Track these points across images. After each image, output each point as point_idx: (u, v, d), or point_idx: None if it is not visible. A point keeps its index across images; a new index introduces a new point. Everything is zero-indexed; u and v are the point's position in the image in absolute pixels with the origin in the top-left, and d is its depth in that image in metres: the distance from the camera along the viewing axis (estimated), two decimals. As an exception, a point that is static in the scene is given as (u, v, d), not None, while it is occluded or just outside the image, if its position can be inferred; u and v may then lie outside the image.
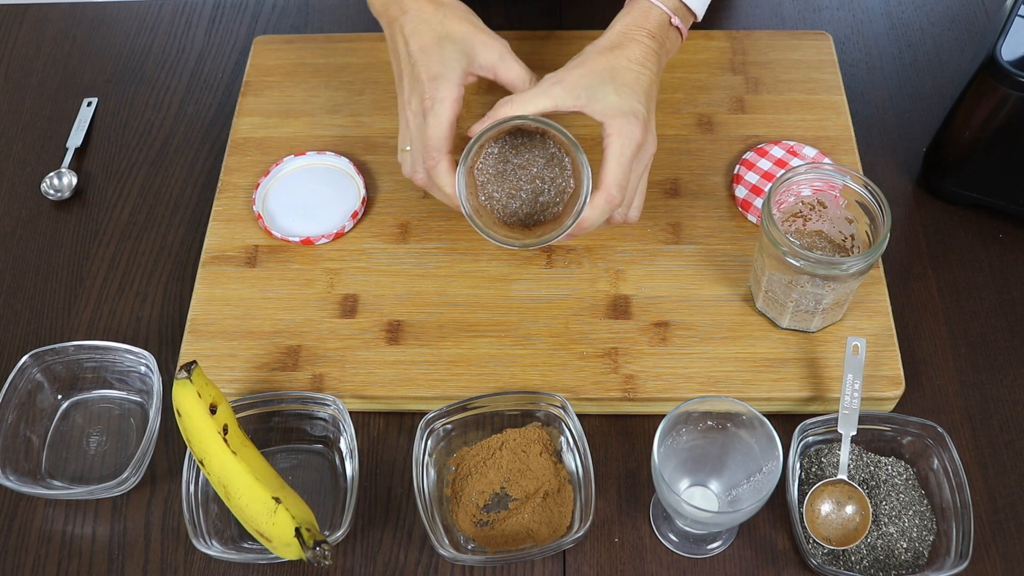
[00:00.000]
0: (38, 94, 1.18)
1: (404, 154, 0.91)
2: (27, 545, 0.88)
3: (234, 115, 1.11)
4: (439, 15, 0.89)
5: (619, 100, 0.87)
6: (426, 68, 0.87)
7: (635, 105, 0.87)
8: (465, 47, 0.88)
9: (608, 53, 0.89)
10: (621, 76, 0.88)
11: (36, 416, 0.92)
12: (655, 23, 0.91)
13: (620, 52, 0.89)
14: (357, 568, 0.86)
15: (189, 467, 0.86)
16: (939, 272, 1.01)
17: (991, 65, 0.93)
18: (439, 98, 0.86)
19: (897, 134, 1.12)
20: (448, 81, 0.87)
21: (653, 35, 0.90)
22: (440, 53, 0.87)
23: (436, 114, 0.86)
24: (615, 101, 0.87)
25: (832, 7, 1.23)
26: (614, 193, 0.86)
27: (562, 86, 0.87)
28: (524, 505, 0.86)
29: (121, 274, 1.03)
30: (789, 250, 0.85)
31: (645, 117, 0.88)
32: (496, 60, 0.90)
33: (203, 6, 1.26)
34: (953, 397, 0.94)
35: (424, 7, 0.89)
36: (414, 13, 0.89)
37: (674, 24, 0.92)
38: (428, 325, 0.95)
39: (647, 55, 0.90)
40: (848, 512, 0.85)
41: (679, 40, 0.94)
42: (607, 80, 0.87)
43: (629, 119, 0.86)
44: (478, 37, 0.89)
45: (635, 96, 0.88)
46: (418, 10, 0.89)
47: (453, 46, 0.88)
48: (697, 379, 0.91)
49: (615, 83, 0.87)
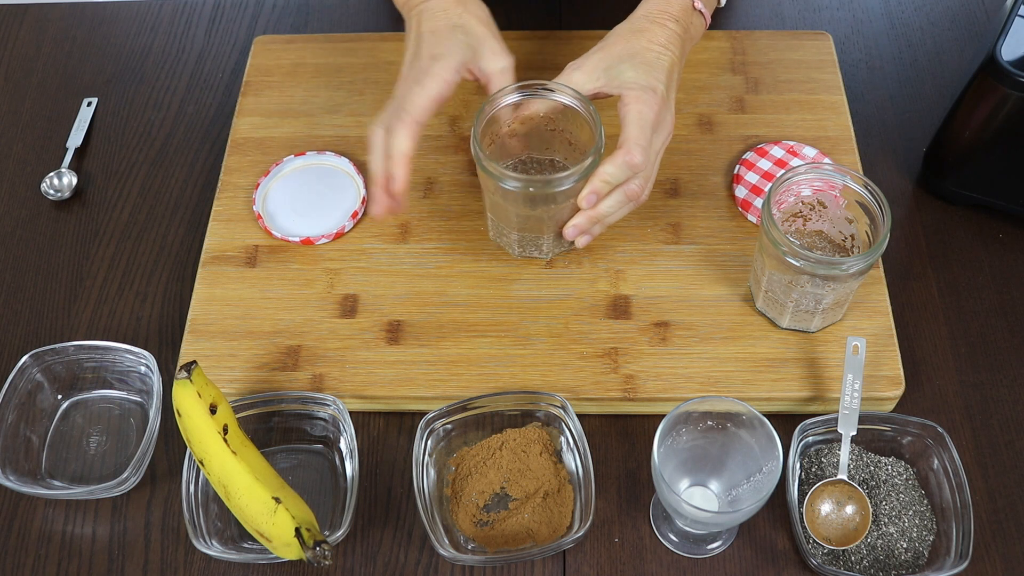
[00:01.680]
0: (38, 94, 1.18)
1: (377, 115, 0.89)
2: (27, 545, 0.88)
3: (234, 115, 1.11)
4: (459, 8, 0.89)
5: (636, 75, 0.86)
6: (429, 48, 0.87)
7: (653, 82, 0.86)
8: (474, 42, 0.88)
9: (630, 36, 0.88)
10: (641, 55, 0.87)
11: (36, 416, 0.92)
12: (679, 7, 0.90)
13: (642, 35, 0.88)
14: (357, 568, 0.86)
15: (189, 467, 0.86)
16: (939, 272, 1.01)
17: (991, 65, 0.93)
18: (432, 73, 0.86)
19: (897, 134, 1.12)
20: (446, 62, 0.86)
21: (677, 19, 0.90)
22: (448, 37, 0.87)
23: (422, 85, 0.86)
24: (632, 76, 0.86)
25: (832, 7, 1.23)
26: (635, 152, 0.84)
27: (582, 71, 0.88)
28: (524, 505, 0.86)
29: (121, 274, 1.03)
30: (789, 250, 0.85)
31: (664, 94, 0.87)
32: (496, 72, 0.90)
33: (203, 6, 1.26)
34: (953, 397, 0.94)
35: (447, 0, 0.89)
36: (436, 2, 0.89)
37: (697, 8, 0.91)
38: (428, 325, 0.95)
39: (671, 38, 0.89)
40: (848, 512, 0.85)
41: (703, 25, 0.93)
42: (626, 59, 0.87)
43: (646, 91, 0.85)
44: (490, 42, 0.89)
45: (654, 74, 0.86)
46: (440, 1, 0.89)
47: (463, 36, 0.88)
48: (697, 379, 0.91)
49: (633, 61, 0.87)
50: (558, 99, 0.88)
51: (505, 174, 0.83)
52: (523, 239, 0.92)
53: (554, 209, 0.87)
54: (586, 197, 0.86)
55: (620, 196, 0.87)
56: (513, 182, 0.84)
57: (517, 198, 0.84)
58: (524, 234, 0.91)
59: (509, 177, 0.83)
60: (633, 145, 0.84)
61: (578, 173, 0.84)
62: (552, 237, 0.92)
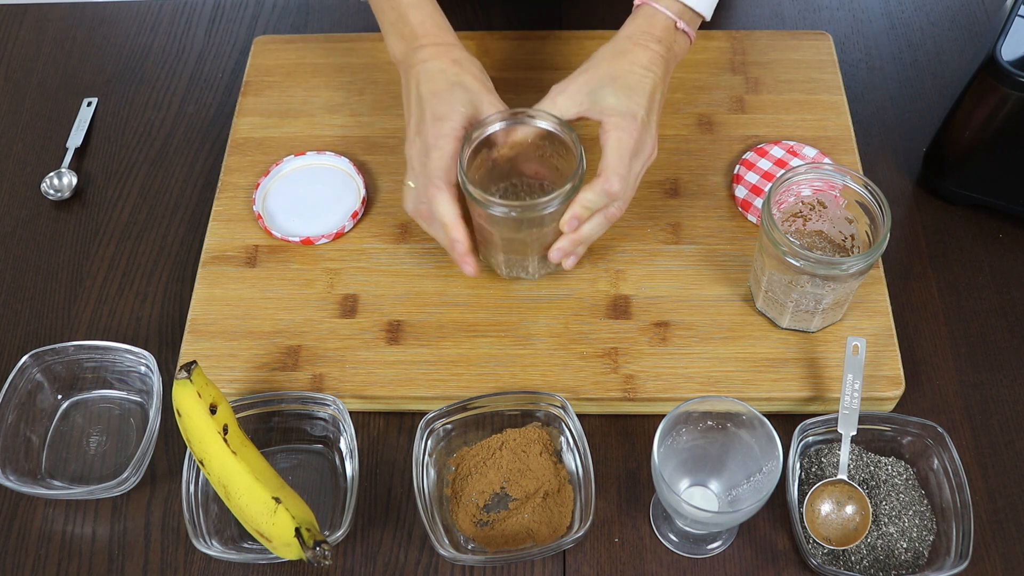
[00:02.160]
0: (38, 94, 1.18)
1: (407, 189, 0.94)
2: (27, 545, 0.88)
3: (234, 115, 1.11)
4: (455, 68, 0.92)
5: (617, 101, 0.88)
6: (432, 110, 0.90)
7: (633, 107, 0.88)
8: (473, 98, 0.91)
9: (613, 59, 0.91)
10: (623, 79, 0.89)
11: (36, 416, 0.92)
12: (661, 28, 0.92)
13: (625, 57, 0.90)
14: (357, 568, 0.86)
15: (189, 467, 0.86)
16: (939, 272, 1.01)
17: (991, 65, 0.93)
18: (442, 134, 0.89)
19: (897, 134, 1.12)
20: (452, 122, 0.89)
21: (660, 39, 0.91)
22: (449, 97, 0.90)
23: (439, 148, 0.89)
24: (613, 102, 0.89)
25: (832, 7, 1.23)
26: (612, 181, 0.86)
27: (566, 95, 0.91)
28: (524, 505, 0.86)
29: (121, 274, 1.03)
30: (789, 250, 0.85)
31: (644, 119, 0.89)
32: None
33: (203, 6, 1.26)
34: (953, 397, 0.94)
35: (442, 59, 0.92)
36: (432, 63, 0.92)
37: (680, 28, 0.92)
38: (428, 325, 0.95)
39: (653, 60, 0.91)
40: (848, 512, 0.85)
41: (687, 43, 0.95)
42: (608, 83, 0.89)
43: (626, 118, 0.88)
44: (487, 96, 0.92)
45: (635, 99, 0.89)
46: (436, 61, 0.92)
47: (463, 94, 0.91)
48: (697, 379, 0.91)
49: (615, 85, 0.89)
50: (542, 125, 0.91)
51: (490, 200, 0.86)
52: (509, 261, 0.94)
53: (538, 233, 0.90)
54: (568, 221, 0.89)
55: (600, 219, 0.90)
56: (497, 207, 0.86)
57: (502, 222, 0.87)
58: (510, 256, 0.93)
59: (493, 203, 0.86)
60: (611, 174, 0.87)
61: (560, 198, 0.87)
62: (538, 259, 0.93)
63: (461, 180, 0.87)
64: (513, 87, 1.11)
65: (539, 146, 0.92)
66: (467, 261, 0.91)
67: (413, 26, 0.94)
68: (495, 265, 0.95)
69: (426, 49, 0.93)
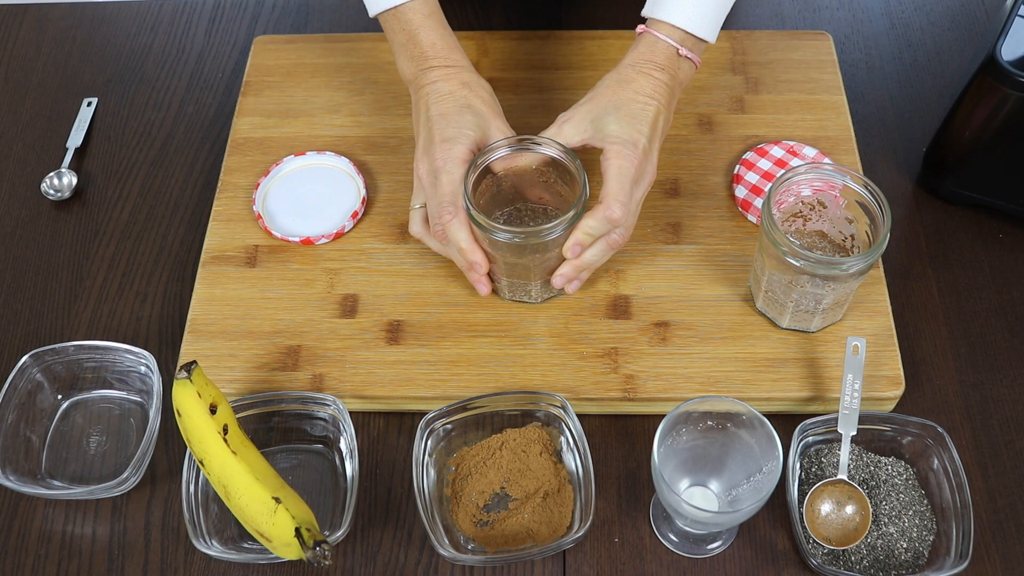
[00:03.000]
0: (38, 94, 1.18)
1: (413, 211, 0.95)
2: (27, 545, 0.88)
3: (234, 115, 1.11)
4: (464, 90, 0.93)
5: (619, 129, 0.89)
6: (440, 131, 0.91)
7: (635, 135, 0.89)
8: (482, 123, 0.92)
9: (617, 87, 0.91)
10: (626, 107, 0.90)
11: (36, 416, 0.92)
12: (663, 56, 0.92)
13: (628, 86, 0.91)
14: (357, 568, 0.86)
15: (189, 467, 0.86)
16: (939, 272, 1.01)
17: (991, 65, 0.93)
18: (451, 157, 0.89)
19: (897, 134, 1.11)
20: (460, 144, 0.90)
21: (663, 67, 0.92)
22: (458, 119, 0.91)
23: (448, 172, 0.89)
24: (615, 130, 0.89)
25: (832, 7, 1.23)
26: (614, 208, 0.87)
27: (571, 123, 0.92)
28: (524, 505, 0.86)
29: (121, 274, 1.03)
30: (789, 250, 0.85)
31: (645, 147, 0.90)
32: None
33: (203, 6, 1.26)
34: (953, 397, 0.94)
35: (452, 81, 0.93)
36: (442, 84, 0.93)
37: (683, 55, 0.92)
38: (428, 325, 0.95)
39: (656, 88, 0.91)
40: (848, 512, 0.85)
41: (693, 69, 0.95)
42: (611, 111, 0.90)
43: (627, 146, 0.89)
44: (495, 122, 0.93)
45: (637, 127, 0.89)
46: (446, 82, 0.93)
47: (472, 117, 0.92)
48: (697, 379, 0.91)
49: (618, 114, 0.90)
50: (546, 152, 0.91)
51: (494, 226, 0.87)
52: (512, 285, 0.94)
53: (541, 258, 0.90)
54: (571, 248, 0.89)
55: (603, 245, 0.91)
56: (501, 233, 0.87)
57: (505, 247, 0.88)
58: (513, 280, 0.93)
59: (497, 229, 0.87)
60: (613, 201, 0.88)
61: (563, 224, 0.88)
62: (540, 284, 0.94)
63: (466, 205, 0.88)
64: (513, 87, 1.11)
65: (543, 172, 0.94)
66: (483, 282, 0.93)
67: (423, 47, 0.94)
68: (498, 289, 0.96)
69: (436, 71, 0.93)
